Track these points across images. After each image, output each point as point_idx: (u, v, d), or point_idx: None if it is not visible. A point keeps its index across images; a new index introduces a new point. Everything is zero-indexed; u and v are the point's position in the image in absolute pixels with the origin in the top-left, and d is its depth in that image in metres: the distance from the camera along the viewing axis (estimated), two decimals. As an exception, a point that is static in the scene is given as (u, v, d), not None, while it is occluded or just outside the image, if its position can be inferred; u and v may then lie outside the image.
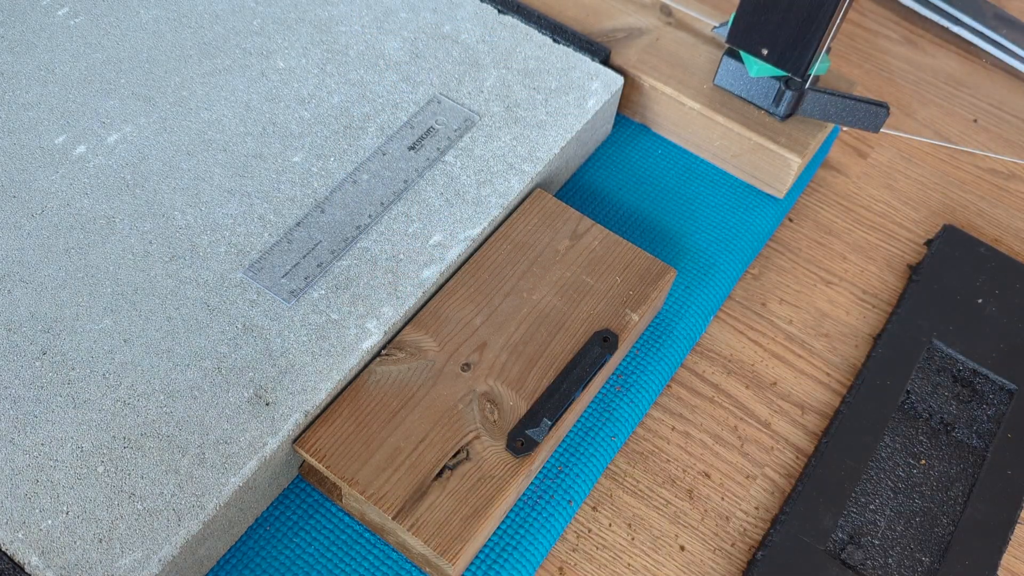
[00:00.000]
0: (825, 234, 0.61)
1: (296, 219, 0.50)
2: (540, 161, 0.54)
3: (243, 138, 0.53)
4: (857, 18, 0.74)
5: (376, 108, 0.55)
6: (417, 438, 0.45)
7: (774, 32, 0.53)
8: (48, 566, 0.39)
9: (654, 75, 0.60)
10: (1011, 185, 0.65)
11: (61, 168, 0.51)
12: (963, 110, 0.69)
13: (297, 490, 0.47)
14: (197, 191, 0.51)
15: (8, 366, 0.44)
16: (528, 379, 0.47)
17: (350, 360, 0.46)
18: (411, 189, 0.52)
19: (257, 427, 0.43)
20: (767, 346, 0.56)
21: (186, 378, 0.45)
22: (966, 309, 0.56)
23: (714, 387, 0.54)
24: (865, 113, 0.55)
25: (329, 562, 0.45)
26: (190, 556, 0.42)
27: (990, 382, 0.54)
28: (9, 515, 0.41)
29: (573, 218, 0.53)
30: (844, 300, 0.58)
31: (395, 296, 0.48)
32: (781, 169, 0.58)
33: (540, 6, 0.63)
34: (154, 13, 0.58)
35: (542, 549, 0.47)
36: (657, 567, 0.48)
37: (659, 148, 0.62)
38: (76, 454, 0.42)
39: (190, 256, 0.48)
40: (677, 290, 0.55)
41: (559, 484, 0.48)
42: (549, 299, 0.50)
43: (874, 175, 0.65)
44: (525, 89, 0.57)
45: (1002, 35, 0.71)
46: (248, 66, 0.56)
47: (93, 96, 0.54)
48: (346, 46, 0.58)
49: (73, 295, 0.47)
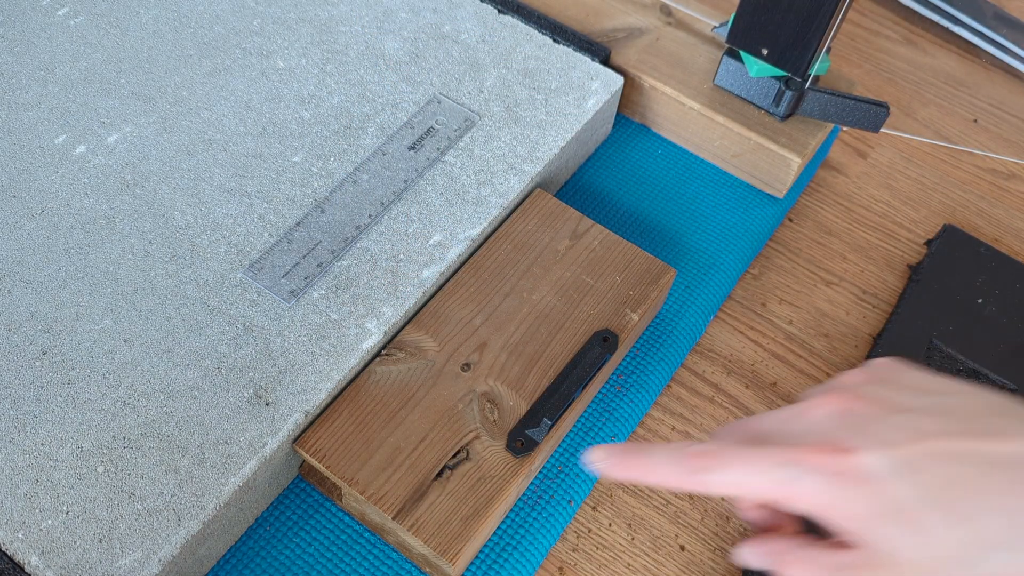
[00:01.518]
0: (825, 234, 0.61)
1: (296, 219, 0.50)
2: (540, 161, 0.54)
3: (243, 138, 0.53)
4: (857, 18, 0.74)
5: (376, 108, 0.55)
6: (417, 438, 0.45)
7: (774, 32, 0.53)
8: (48, 566, 0.39)
9: (654, 75, 0.60)
10: (1011, 185, 0.65)
11: (61, 168, 0.51)
12: (963, 110, 0.69)
13: (297, 490, 0.47)
14: (197, 191, 0.51)
15: (8, 366, 0.44)
16: (528, 379, 0.47)
17: (350, 360, 0.46)
18: (411, 189, 0.52)
19: (257, 427, 0.43)
20: (767, 346, 0.56)
21: (186, 378, 0.45)
22: (966, 309, 0.56)
23: (714, 387, 0.54)
24: (865, 113, 0.55)
25: (329, 562, 0.45)
26: (190, 556, 0.42)
27: (990, 382, 0.54)
28: (9, 515, 0.41)
29: (573, 218, 0.53)
30: (844, 300, 0.58)
31: (395, 296, 0.48)
32: (781, 169, 0.58)
33: (540, 6, 0.63)
34: (154, 13, 0.58)
35: (542, 549, 0.47)
36: (657, 567, 0.48)
37: (659, 148, 0.62)
38: (76, 454, 0.42)
39: (190, 256, 0.48)
40: (677, 290, 0.55)
41: (559, 484, 0.48)
42: (549, 299, 0.50)
43: (874, 175, 0.65)
44: (525, 89, 0.57)
45: (1002, 35, 0.71)
46: (248, 66, 0.56)
47: (93, 96, 0.54)
48: (346, 46, 0.58)
49: (73, 295, 0.47)
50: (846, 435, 0.33)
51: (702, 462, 0.34)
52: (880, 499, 0.31)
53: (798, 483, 0.32)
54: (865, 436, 0.33)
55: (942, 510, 0.31)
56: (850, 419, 0.34)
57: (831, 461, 0.32)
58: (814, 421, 0.34)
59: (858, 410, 0.34)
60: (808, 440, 0.33)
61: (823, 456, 0.32)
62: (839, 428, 0.33)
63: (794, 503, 0.33)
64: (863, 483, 0.32)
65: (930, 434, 0.32)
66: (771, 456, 0.33)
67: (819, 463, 0.32)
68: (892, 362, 0.37)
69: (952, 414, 0.33)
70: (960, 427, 0.32)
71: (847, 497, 0.32)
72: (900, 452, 0.32)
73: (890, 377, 0.35)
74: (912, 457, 0.32)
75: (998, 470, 0.31)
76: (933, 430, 0.32)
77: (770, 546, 0.36)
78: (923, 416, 0.33)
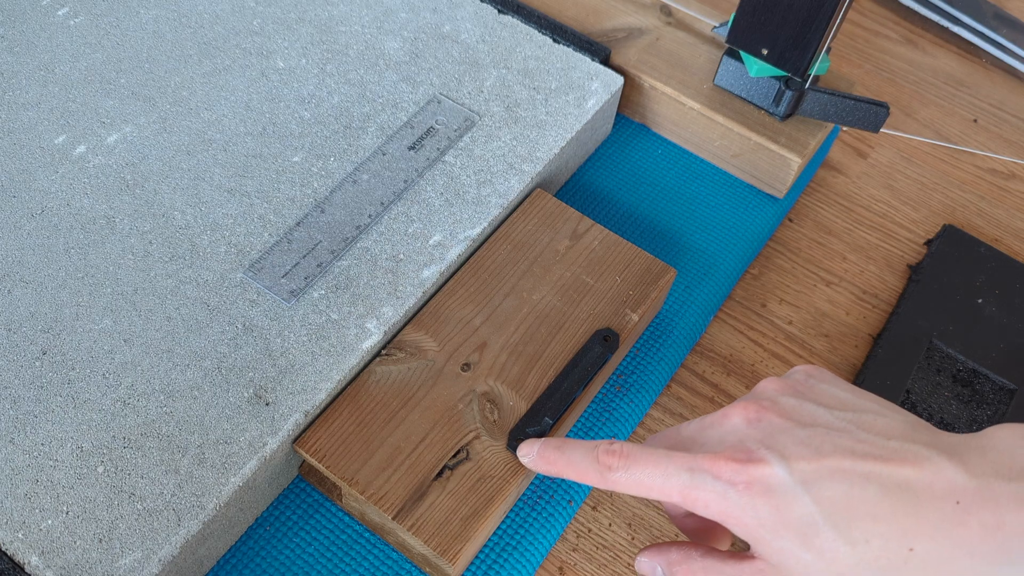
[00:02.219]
0: (825, 234, 0.61)
1: (296, 219, 0.50)
2: (540, 161, 0.54)
3: (243, 138, 0.53)
4: (857, 18, 0.74)
5: (376, 108, 0.55)
6: (417, 438, 0.45)
7: (774, 32, 0.53)
8: (48, 566, 0.39)
9: (654, 75, 0.60)
10: (1011, 185, 0.65)
11: (61, 168, 0.51)
12: (963, 110, 0.69)
13: (297, 490, 0.47)
14: (197, 191, 0.51)
15: (8, 366, 0.44)
16: (528, 379, 0.47)
17: (350, 360, 0.46)
18: (411, 189, 0.52)
19: (257, 427, 0.43)
20: (767, 346, 0.56)
21: (186, 378, 0.45)
22: (966, 309, 0.56)
23: (714, 387, 0.54)
24: (865, 113, 0.55)
25: (329, 562, 0.45)
26: (190, 556, 0.42)
27: (990, 382, 0.54)
28: (9, 515, 0.41)
29: (573, 218, 0.53)
30: (844, 300, 0.58)
31: (395, 296, 0.48)
32: (781, 169, 0.58)
33: (540, 6, 0.63)
34: (154, 13, 0.58)
35: (542, 549, 0.47)
36: (657, 567, 0.48)
37: (659, 148, 0.62)
38: (76, 454, 0.42)
39: (190, 256, 0.48)
40: (677, 290, 0.55)
41: (559, 484, 0.48)
42: (549, 299, 0.50)
43: (874, 175, 0.65)
44: (525, 89, 0.57)
45: (1002, 35, 0.71)
46: (248, 66, 0.56)
47: (93, 96, 0.54)
48: (346, 46, 0.58)
49: (73, 295, 0.47)
50: (754, 445, 0.33)
51: (612, 460, 0.35)
52: (779, 512, 0.32)
53: (700, 489, 0.33)
54: (771, 448, 0.33)
55: (837, 529, 0.31)
56: (760, 429, 0.34)
57: (735, 469, 0.33)
58: (727, 430, 0.35)
59: (768, 421, 0.34)
60: (719, 448, 0.34)
61: (727, 464, 0.33)
62: (748, 438, 0.34)
63: (698, 508, 0.34)
64: (763, 494, 0.32)
65: (835, 451, 0.32)
66: (678, 461, 0.34)
67: (722, 471, 0.33)
68: (813, 371, 0.37)
69: (860, 432, 0.33)
70: (865, 447, 0.32)
71: (745, 506, 0.32)
72: (803, 466, 0.32)
73: (807, 389, 0.36)
74: (814, 473, 0.32)
75: (896, 494, 0.31)
76: (839, 447, 0.32)
77: (667, 555, 0.36)
78: (831, 432, 0.33)
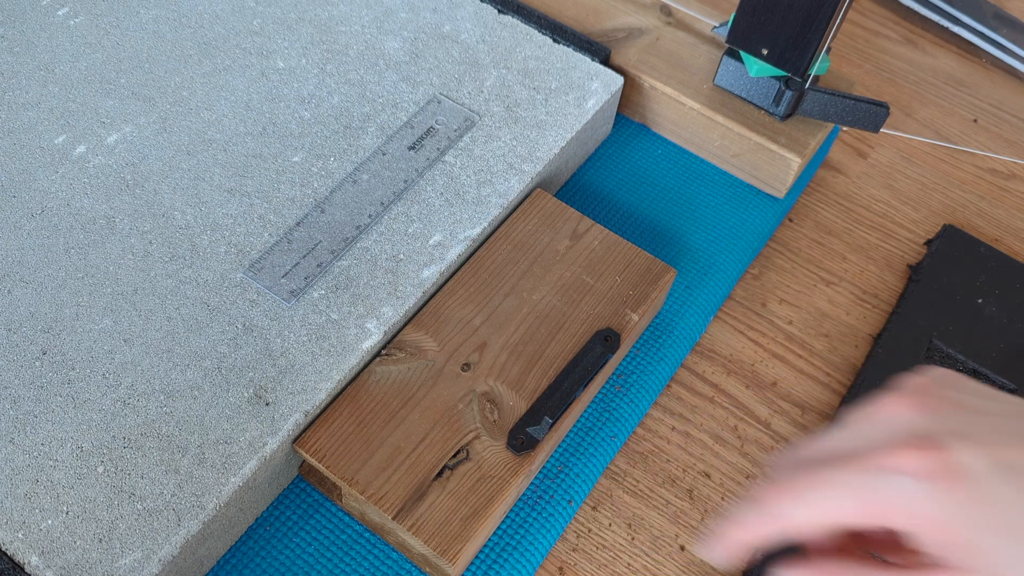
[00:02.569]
0: (825, 234, 0.61)
1: (296, 219, 0.50)
2: (540, 161, 0.54)
3: (243, 138, 0.53)
4: (857, 18, 0.74)
5: (376, 108, 0.55)
6: (417, 438, 0.45)
7: (774, 32, 0.53)
8: (48, 566, 0.39)
9: (654, 75, 0.60)
10: (1011, 185, 0.65)
11: (61, 168, 0.51)
12: (963, 110, 0.69)
13: (297, 490, 0.47)
14: (197, 191, 0.51)
15: (8, 366, 0.44)
16: (528, 379, 0.47)
17: (350, 360, 0.46)
18: (411, 189, 0.52)
19: (257, 427, 0.43)
20: (767, 346, 0.56)
21: (186, 378, 0.45)
22: (966, 309, 0.56)
23: (714, 387, 0.54)
24: (865, 113, 0.55)
25: (329, 562, 0.45)
26: (190, 556, 0.42)
27: (990, 382, 0.54)
28: (9, 515, 0.41)
29: (573, 218, 0.53)
30: (844, 300, 0.58)
31: (395, 296, 0.48)
32: (781, 169, 0.58)
33: (540, 6, 0.63)
34: (154, 13, 0.58)
35: (542, 549, 0.47)
36: (657, 567, 0.48)
37: (659, 148, 0.62)
38: (76, 454, 0.42)
39: (190, 256, 0.48)
40: (677, 290, 0.55)
41: (559, 484, 0.48)
42: (549, 299, 0.50)
43: (874, 175, 0.65)
44: (525, 89, 0.57)
45: (1002, 35, 0.71)
46: (248, 66, 0.56)
47: (93, 96, 0.54)
48: (346, 46, 0.58)
49: (73, 295, 0.47)
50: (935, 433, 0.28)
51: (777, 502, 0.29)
52: (981, 502, 0.27)
53: (886, 491, 0.28)
54: (958, 435, 0.28)
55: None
56: (935, 418, 0.29)
57: (920, 458, 0.27)
58: (890, 424, 0.29)
59: (943, 409, 0.29)
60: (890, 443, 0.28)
61: (910, 454, 0.28)
62: (924, 427, 0.29)
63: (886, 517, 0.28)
64: (960, 482, 0.27)
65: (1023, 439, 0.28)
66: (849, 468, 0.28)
67: (908, 463, 0.28)
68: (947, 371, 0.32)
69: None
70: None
71: (940, 499, 0.27)
72: (998, 452, 0.28)
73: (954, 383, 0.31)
74: (1012, 458, 0.28)
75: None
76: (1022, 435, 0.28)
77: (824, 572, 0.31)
78: (1007, 419, 0.29)
